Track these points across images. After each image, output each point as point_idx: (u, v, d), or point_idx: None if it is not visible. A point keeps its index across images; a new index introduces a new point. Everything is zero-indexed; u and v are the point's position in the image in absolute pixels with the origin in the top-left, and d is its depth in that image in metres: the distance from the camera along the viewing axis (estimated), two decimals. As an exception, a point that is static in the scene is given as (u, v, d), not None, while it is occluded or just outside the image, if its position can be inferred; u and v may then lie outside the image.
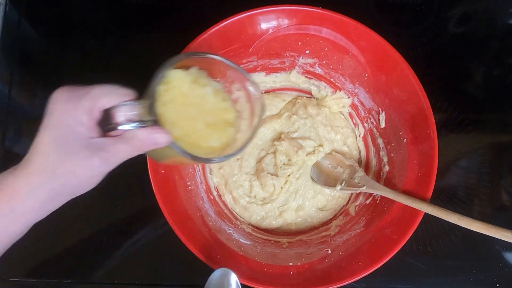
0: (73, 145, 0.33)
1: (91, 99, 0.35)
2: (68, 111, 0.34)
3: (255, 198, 0.64)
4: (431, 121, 0.51)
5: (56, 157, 0.33)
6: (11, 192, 0.33)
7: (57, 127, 0.34)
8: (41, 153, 0.33)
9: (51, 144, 0.33)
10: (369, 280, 0.60)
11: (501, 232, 0.44)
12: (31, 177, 0.33)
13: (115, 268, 0.62)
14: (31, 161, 0.34)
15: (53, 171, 0.33)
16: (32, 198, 0.33)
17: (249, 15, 0.54)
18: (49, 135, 0.34)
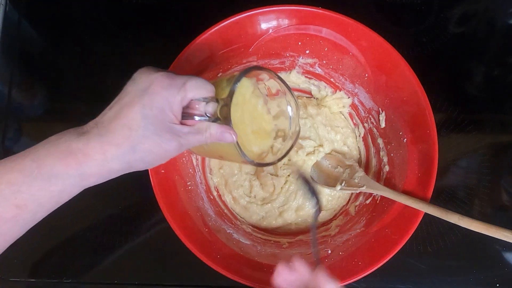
0: (160, 127, 0.36)
1: (186, 91, 0.37)
2: (166, 97, 0.36)
3: (255, 198, 0.64)
4: (431, 121, 0.51)
5: (142, 134, 0.35)
6: (81, 156, 0.34)
7: (152, 108, 0.35)
8: (127, 127, 0.35)
9: (141, 121, 0.35)
10: (369, 280, 0.60)
11: (501, 232, 0.44)
12: (107, 147, 0.34)
13: (115, 268, 0.62)
14: (112, 131, 0.35)
15: (133, 146, 0.35)
16: (103, 167, 0.35)
17: (249, 15, 0.54)
18: (141, 112, 0.35)
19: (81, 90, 0.71)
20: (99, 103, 0.55)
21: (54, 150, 0.34)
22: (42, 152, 0.33)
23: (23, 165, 0.33)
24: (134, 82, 0.37)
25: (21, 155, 0.34)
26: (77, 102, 0.71)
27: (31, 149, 0.34)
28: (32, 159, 0.33)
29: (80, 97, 0.71)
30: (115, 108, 0.36)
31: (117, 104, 0.36)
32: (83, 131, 0.35)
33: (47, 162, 0.33)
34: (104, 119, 0.36)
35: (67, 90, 0.72)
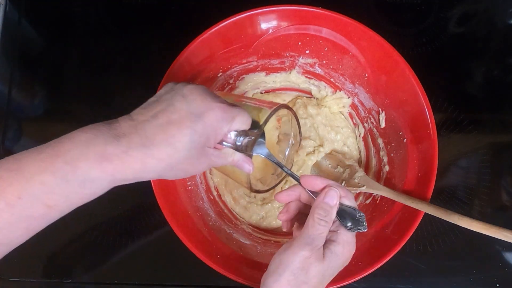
0: (200, 152, 0.37)
1: (233, 125, 0.39)
2: (216, 128, 0.38)
3: (255, 198, 0.64)
4: (431, 121, 0.51)
5: (184, 156, 0.36)
6: (119, 164, 0.33)
7: (201, 136, 0.36)
8: (172, 146, 0.35)
9: (187, 145, 0.35)
10: (369, 280, 0.60)
11: (501, 232, 0.44)
12: (149, 159, 0.34)
13: (115, 268, 0.62)
14: (157, 146, 0.34)
15: (173, 165, 0.35)
16: (138, 175, 0.35)
17: (249, 15, 0.54)
18: (191, 137, 0.35)
19: (81, 90, 0.72)
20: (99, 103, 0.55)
21: (89, 153, 0.32)
22: (75, 153, 0.32)
23: (56, 167, 0.31)
24: (185, 101, 0.37)
25: (51, 154, 0.32)
26: (77, 102, 0.71)
27: (58, 145, 0.33)
28: (66, 161, 0.32)
29: (80, 97, 0.71)
30: (161, 120, 0.35)
31: (163, 115, 0.35)
32: (118, 133, 0.34)
33: (82, 166, 0.32)
34: (146, 127, 0.35)
35: (67, 90, 0.72)
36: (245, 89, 0.66)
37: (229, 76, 0.61)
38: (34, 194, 0.31)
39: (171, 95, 0.37)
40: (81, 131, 0.34)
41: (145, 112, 0.36)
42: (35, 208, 0.31)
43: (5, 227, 0.31)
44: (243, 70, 0.62)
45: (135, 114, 0.36)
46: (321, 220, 0.39)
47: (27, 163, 0.31)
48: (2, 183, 0.30)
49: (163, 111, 0.36)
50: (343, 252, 0.40)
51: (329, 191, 0.41)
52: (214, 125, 0.37)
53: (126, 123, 0.35)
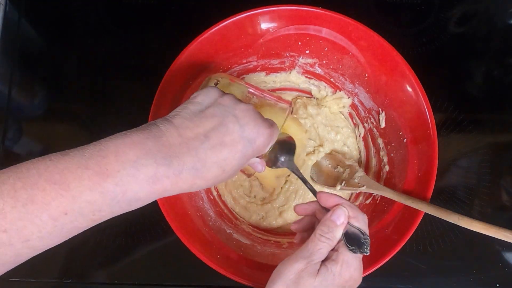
0: (240, 168, 0.38)
1: (272, 141, 0.40)
2: (261, 152, 0.39)
3: (255, 198, 0.64)
4: (431, 121, 0.51)
5: (229, 176, 0.37)
6: (169, 185, 0.33)
7: (248, 158, 0.38)
8: (222, 168, 0.35)
9: (235, 167, 0.37)
10: (369, 280, 0.59)
11: (501, 232, 0.44)
12: (197, 180, 0.34)
13: (115, 268, 0.62)
14: (208, 168, 0.35)
15: (215, 182, 0.36)
16: (182, 191, 0.35)
17: (249, 15, 0.54)
18: (240, 161, 0.36)
19: (81, 90, 0.71)
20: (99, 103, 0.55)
21: (140, 175, 0.31)
22: (125, 175, 0.31)
23: (105, 189, 0.30)
24: (239, 124, 0.36)
25: (98, 172, 0.30)
26: (77, 102, 0.71)
27: (104, 161, 0.31)
28: (116, 183, 0.30)
29: (80, 97, 0.71)
30: (213, 141, 0.35)
31: (215, 136, 0.35)
32: (168, 151, 0.33)
33: (132, 188, 0.31)
34: (199, 148, 0.34)
35: (67, 90, 0.72)
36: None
37: (229, 76, 0.62)
38: (80, 212, 0.30)
39: (220, 111, 0.37)
40: (127, 146, 0.32)
41: (192, 127, 0.35)
42: (79, 222, 0.31)
43: (46, 236, 0.30)
44: (243, 70, 0.62)
45: (182, 128, 0.35)
46: (322, 236, 0.39)
47: (72, 179, 0.30)
48: (46, 196, 0.29)
49: (215, 131, 0.35)
50: (341, 272, 0.38)
51: (337, 209, 0.40)
52: (260, 149, 0.38)
53: (173, 137, 0.34)
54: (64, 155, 0.31)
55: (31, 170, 0.30)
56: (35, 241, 0.30)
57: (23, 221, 0.29)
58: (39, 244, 0.31)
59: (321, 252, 0.39)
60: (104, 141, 0.32)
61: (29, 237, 0.29)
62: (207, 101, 0.38)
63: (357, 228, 0.40)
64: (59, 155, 0.31)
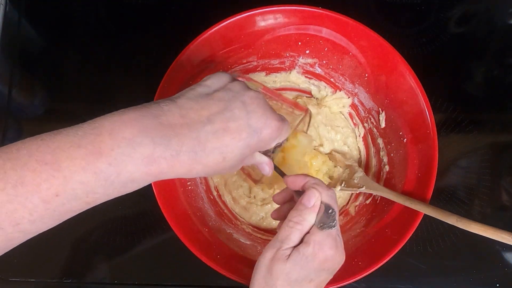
0: (244, 159, 0.36)
1: (278, 140, 0.38)
2: (266, 145, 0.37)
3: (254, 199, 0.64)
4: (431, 121, 0.51)
5: (229, 165, 0.35)
6: (166, 167, 0.31)
7: (252, 149, 0.35)
8: (222, 155, 0.33)
9: (237, 156, 0.34)
10: (369, 280, 0.60)
11: (499, 234, 0.44)
12: (196, 165, 0.32)
13: (115, 268, 0.62)
14: (208, 153, 0.32)
15: (216, 170, 0.34)
16: (180, 176, 0.33)
17: (249, 15, 0.54)
18: (242, 150, 0.34)
19: (81, 90, 0.72)
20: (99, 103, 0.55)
21: (135, 154, 0.30)
22: (119, 154, 0.29)
23: (99, 168, 0.29)
24: (245, 110, 0.34)
25: (91, 151, 0.29)
26: (77, 102, 0.71)
27: (98, 139, 0.29)
28: (110, 162, 0.29)
29: (80, 97, 0.71)
30: (217, 125, 0.33)
31: (220, 121, 0.33)
32: (167, 131, 0.31)
33: (127, 168, 0.29)
34: (200, 131, 0.32)
35: (67, 90, 0.72)
36: (245, 89, 0.66)
37: (229, 76, 0.61)
38: (73, 193, 0.29)
39: (228, 96, 0.35)
40: (123, 123, 0.30)
41: (197, 108, 0.33)
42: (72, 205, 0.30)
43: (38, 220, 0.29)
44: (243, 70, 0.62)
45: (185, 108, 0.33)
46: (290, 221, 0.38)
47: (64, 159, 0.28)
48: (36, 177, 0.28)
49: (219, 115, 0.33)
50: (314, 253, 0.37)
51: (308, 192, 0.39)
52: (266, 141, 0.36)
53: (174, 117, 0.32)
54: (56, 134, 0.30)
55: (21, 150, 0.29)
56: (27, 224, 0.29)
57: (13, 204, 0.27)
58: (31, 228, 0.29)
59: (290, 238, 0.38)
60: (99, 119, 0.31)
61: (19, 220, 0.28)
62: (217, 85, 0.36)
63: (324, 203, 0.39)
64: (52, 134, 0.30)
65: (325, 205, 0.38)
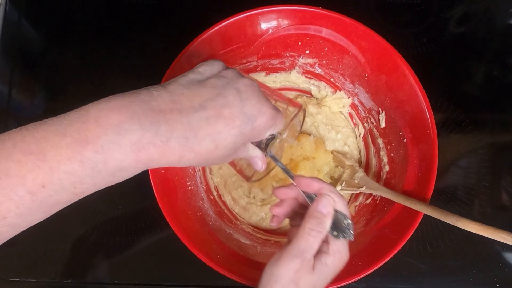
0: (237, 148, 0.35)
1: (273, 130, 0.37)
2: (260, 134, 0.36)
3: (254, 199, 0.64)
4: (431, 121, 0.51)
5: (222, 154, 0.33)
6: (155, 154, 0.30)
7: (245, 138, 0.34)
8: (215, 143, 0.32)
9: (230, 145, 0.33)
10: (369, 280, 0.60)
11: (498, 234, 0.44)
12: (186, 152, 0.31)
13: (115, 268, 0.62)
14: (199, 140, 0.31)
15: (208, 159, 0.33)
16: (171, 165, 0.32)
17: (249, 15, 0.54)
18: (235, 138, 0.33)
19: (81, 90, 0.71)
20: (99, 103, 0.53)
21: (123, 140, 0.28)
22: (106, 141, 0.28)
23: (85, 157, 0.28)
24: (240, 97, 0.33)
25: (77, 139, 0.28)
26: (77, 102, 0.70)
27: (83, 126, 0.28)
28: (96, 150, 0.28)
29: (80, 97, 0.70)
30: (210, 112, 0.32)
31: (212, 107, 0.32)
32: (157, 116, 0.30)
33: (115, 156, 0.28)
34: (192, 117, 0.31)
35: (67, 90, 0.72)
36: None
37: (229, 76, 0.61)
38: (60, 184, 0.28)
39: (221, 82, 0.34)
40: (110, 110, 0.29)
41: (188, 94, 0.32)
42: (60, 196, 0.29)
43: (26, 212, 0.28)
44: (243, 70, 0.62)
45: (176, 94, 0.32)
46: (312, 230, 0.38)
47: (49, 148, 0.27)
48: (21, 168, 0.27)
49: (212, 101, 0.32)
50: (334, 262, 0.38)
51: (323, 199, 0.39)
52: (260, 130, 0.35)
53: (165, 103, 0.31)
54: (42, 124, 0.29)
55: (5, 142, 0.28)
56: (14, 218, 0.28)
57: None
58: (19, 222, 0.28)
59: (313, 247, 0.37)
60: (86, 107, 0.30)
61: (6, 214, 0.27)
62: (210, 72, 0.35)
63: (339, 212, 0.39)
64: (37, 124, 0.29)
65: (339, 214, 0.39)
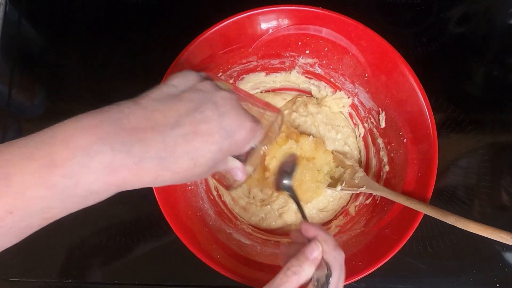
0: (216, 164, 0.34)
1: (253, 142, 0.36)
2: (240, 148, 0.34)
3: (254, 199, 0.64)
4: (431, 121, 0.51)
5: (201, 172, 0.32)
6: (128, 175, 0.29)
7: (225, 153, 0.33)
8: (193, 161, 0.31)
9: (209, 162, 0.32)
10: (369, 280, 0.60)
11: (497, 234, 0.44)
12: (163, 172, 0.30)
13: (115, 268, 0.62)
14: (176, 159, 0.30)
15: (186, 177, 0.32)
16: (147, 185, 0.31)
17: (249, 15, 0.54)
18: (215, 155, 0.32)
19: (81, 90, 0.72)
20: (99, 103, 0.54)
21: (92, 163, 0.27)
22: (75, 164, 0.27)
23: (53, 182, 0.26)
24: (218, 112, 0.32)
25: (45, 164, 0.27)
26: (77, 102, 0.71)
27: (51, 148, 0.27)
28: (65, 174, 0.27)
29: (80, 97, 0.71)
30: (186, 128, 0.30)
31: (189, 123, 0.30)
32: (129, 136, 0.28)
33: (84, 180, 0.27)
34: (167, 135, 0.30)
35: (67, 90, 0.72)
36: (245, 89, 0.66)
37: (229, 76, 0.61)
38: (28, 209, 0.27)
39: (198, 96, 0.32)
40: (79, 131, 0.28)
41: (163, 109, 0.31)
42: (29, 222, 0.28)
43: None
44: (243, 70, 0.62)
45: (150, 110, 0.30)
46: (289, 270, 0.36)
47: (15, 172, 0.26)
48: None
49: (189, 117, 0.31)
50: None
51: (312, 243, 0.38)
52: (239, 144, 0.33)
53: (138, 120, 0.29)
54: (9, 146, 0.27)
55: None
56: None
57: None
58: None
59: (286, 287, 0.36)
60: (54, 127, 0.29)
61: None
62: (184, 84, 0.33)
63: (326, 262, 0.38)
64: (4, 146, 0.27)
65: (326, 264, 0.38)
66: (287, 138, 0.58)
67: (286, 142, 0.58)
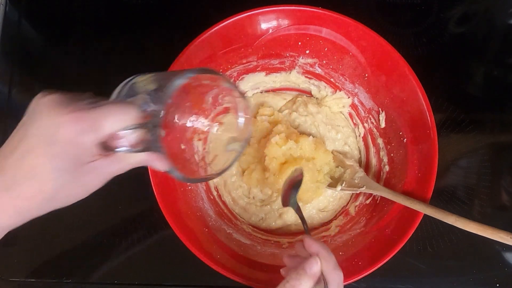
0: (77, 173, 0.31)
1: (100, 129, 0.31)
2: (77, 144, 0.31)
3: (254, 199, 0.64)
4: (431, 121, 0.51)
5: (57, 185, 0.30)
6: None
7: (63, 158, 0.30)
8: (35, 180, 0.30)
9: (52, 173, 0.30)
10: (369, 280, 0.60)
11: (497, 234, 0.44)
12: (17, 201, 0.30)
13: (115, 268, 0.62)
14: (20, 184, 0.30)
15: (49, 197, 0.31)
16: (19, 217, 0.31)
17: (249, 15, 0.54)
18: (51, 164, 0.30)
19: (81, 90, 0.71)
20: (99, 103, 0.53)
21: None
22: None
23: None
24: (32, 123, 0.31)
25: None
26: (77, 102, 0.71)
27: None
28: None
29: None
30: (18, 153, 0.30)
31: (20, 146, 0.30)
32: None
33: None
34: (6, 165, 0.30)
35: (67, 90, 0.71)
36: (245, 89, 0.66)
37: (229, 76, 0.62)
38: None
39: (28, 115, 0.32)
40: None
41: (5, 146, 0.31)
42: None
43: None
44: (243, 70, 0.62)
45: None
46: (287, 282, 0.38)
47: None
48: None
49: (20, 141, 0.30)
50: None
51: (311, 258, 0.39)
52: (73, 141, 0.30)
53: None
54: None
55: None
56: None
57: None
58: None
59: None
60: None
61: None
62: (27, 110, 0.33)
63: (324, 280, 0.39)
64: None
65: (324, 282, 0.39)
66: (287, 138, 0.58)
67: (286, 142, 0.58)
